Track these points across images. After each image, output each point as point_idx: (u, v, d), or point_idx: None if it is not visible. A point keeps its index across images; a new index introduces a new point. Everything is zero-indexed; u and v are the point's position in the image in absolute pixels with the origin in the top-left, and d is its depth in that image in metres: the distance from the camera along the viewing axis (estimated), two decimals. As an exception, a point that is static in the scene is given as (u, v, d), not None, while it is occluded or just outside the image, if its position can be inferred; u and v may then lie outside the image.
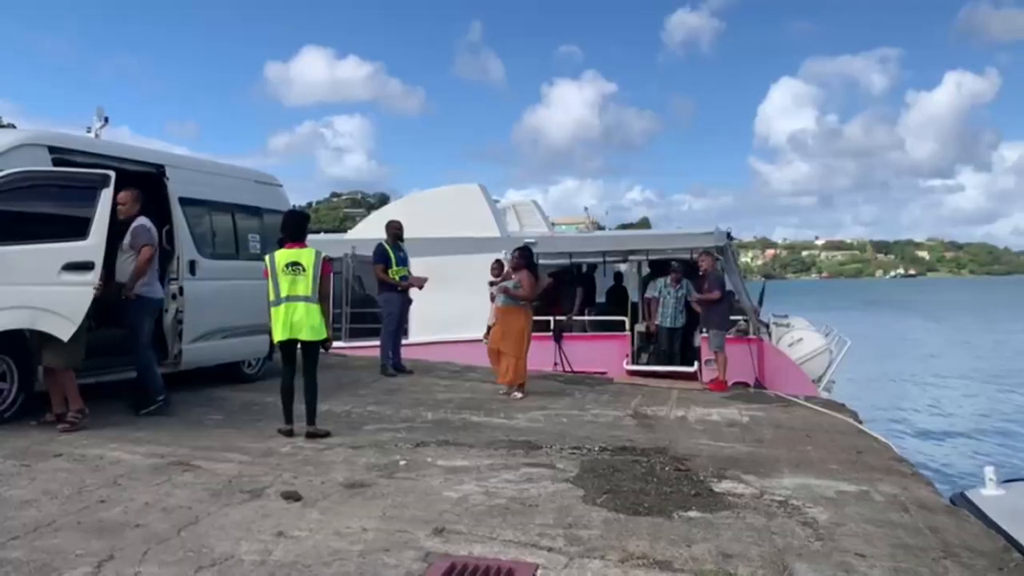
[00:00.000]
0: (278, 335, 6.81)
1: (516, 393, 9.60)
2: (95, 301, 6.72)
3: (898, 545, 4.47)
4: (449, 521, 4.54)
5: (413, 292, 11.35)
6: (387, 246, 11.02)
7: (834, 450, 7.14)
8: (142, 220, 7.56)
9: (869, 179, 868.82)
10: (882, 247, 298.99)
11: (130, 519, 4.42)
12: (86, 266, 6.69)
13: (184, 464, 5.66)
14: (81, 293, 6.63)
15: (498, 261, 12.25)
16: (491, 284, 11.41)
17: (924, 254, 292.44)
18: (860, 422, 9.03)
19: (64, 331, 6.51)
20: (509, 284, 9.91)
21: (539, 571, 3.81)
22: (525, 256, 10.01)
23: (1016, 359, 32.29)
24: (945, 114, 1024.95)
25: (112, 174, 6.93)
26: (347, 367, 11.24)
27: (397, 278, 10.92)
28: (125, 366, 7.69)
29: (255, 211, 9.68)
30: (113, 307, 7.41)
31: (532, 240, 14.96)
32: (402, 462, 5.94)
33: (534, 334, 14.13)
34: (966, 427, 19.11)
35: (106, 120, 8.38)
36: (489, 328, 11.04)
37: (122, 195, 7.35)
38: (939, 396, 24.03)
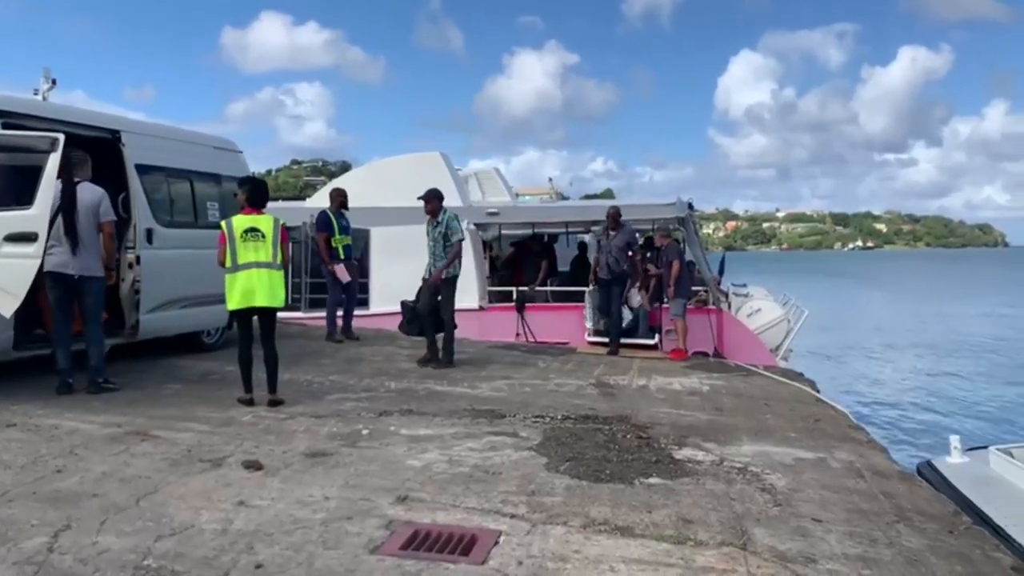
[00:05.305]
0: (233, 303, 6.63)
1: None
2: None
3: (853, 510, 4.57)
4: (412, 489, 4.54)
5: (374, 260, 11.15)
6: (330, 214, 10.85)
7: (792, 418, 7.26)
8: None
9: (826, 152, 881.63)
10: (841, 219, 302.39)
11: (87, 489, 4.36)
12: (29, 237, 6.26)
13: (142, 434, 5.59)
14: (24, 266, 6.21)
15: None
16: None
17: (882, 227, 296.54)
18: (817, 391, 9.20)
19: (6, 307, 6.18)
20: None
21: (502, 538, 3.83)
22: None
23: (969, 331, 33.04)
24: (899, 89, 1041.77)
25: (61, 137, 6.48)
26: (308, 337, 11.15)
27: (340, 247, 10.79)
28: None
29: (214, 178, 9.49)
30: None
31: (494, 209, 14.95)
32: (365, 431, 5.92)
33: (496, 306, 14.23)
34: (921, 394, 19.57)
35: (54, 82, 8.03)
36: None
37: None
38: (895, 364, 24.55)
